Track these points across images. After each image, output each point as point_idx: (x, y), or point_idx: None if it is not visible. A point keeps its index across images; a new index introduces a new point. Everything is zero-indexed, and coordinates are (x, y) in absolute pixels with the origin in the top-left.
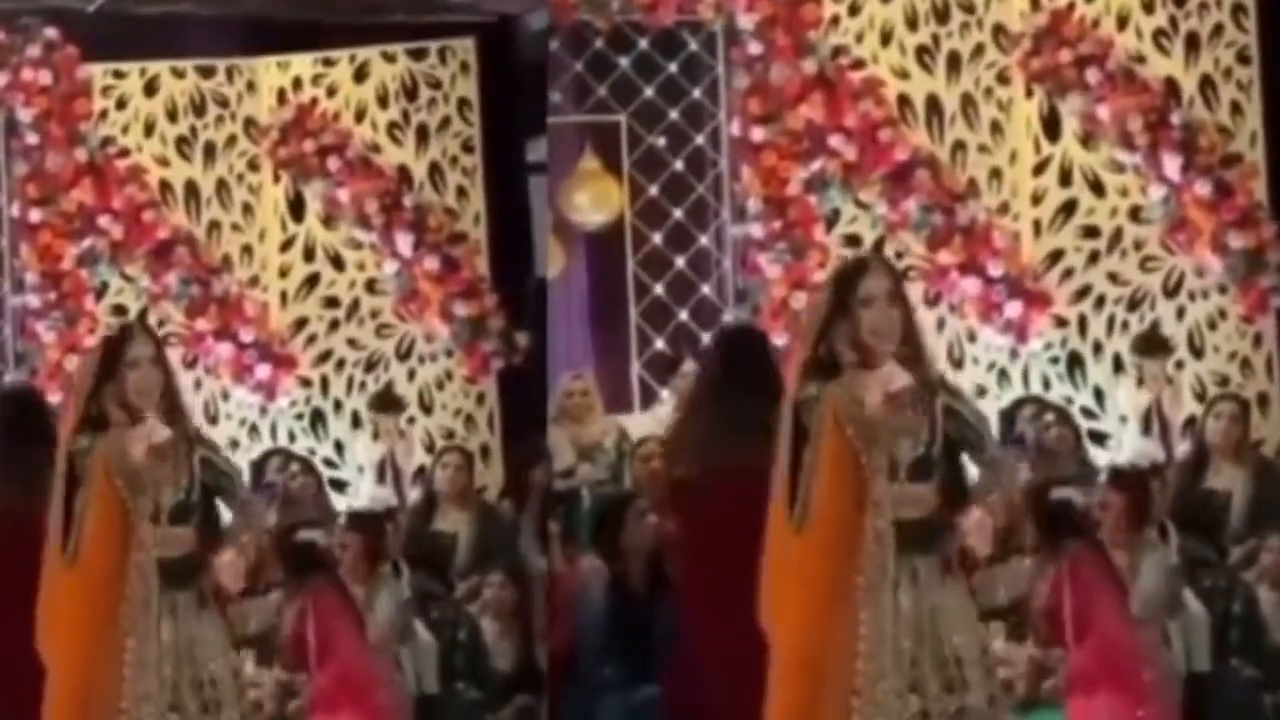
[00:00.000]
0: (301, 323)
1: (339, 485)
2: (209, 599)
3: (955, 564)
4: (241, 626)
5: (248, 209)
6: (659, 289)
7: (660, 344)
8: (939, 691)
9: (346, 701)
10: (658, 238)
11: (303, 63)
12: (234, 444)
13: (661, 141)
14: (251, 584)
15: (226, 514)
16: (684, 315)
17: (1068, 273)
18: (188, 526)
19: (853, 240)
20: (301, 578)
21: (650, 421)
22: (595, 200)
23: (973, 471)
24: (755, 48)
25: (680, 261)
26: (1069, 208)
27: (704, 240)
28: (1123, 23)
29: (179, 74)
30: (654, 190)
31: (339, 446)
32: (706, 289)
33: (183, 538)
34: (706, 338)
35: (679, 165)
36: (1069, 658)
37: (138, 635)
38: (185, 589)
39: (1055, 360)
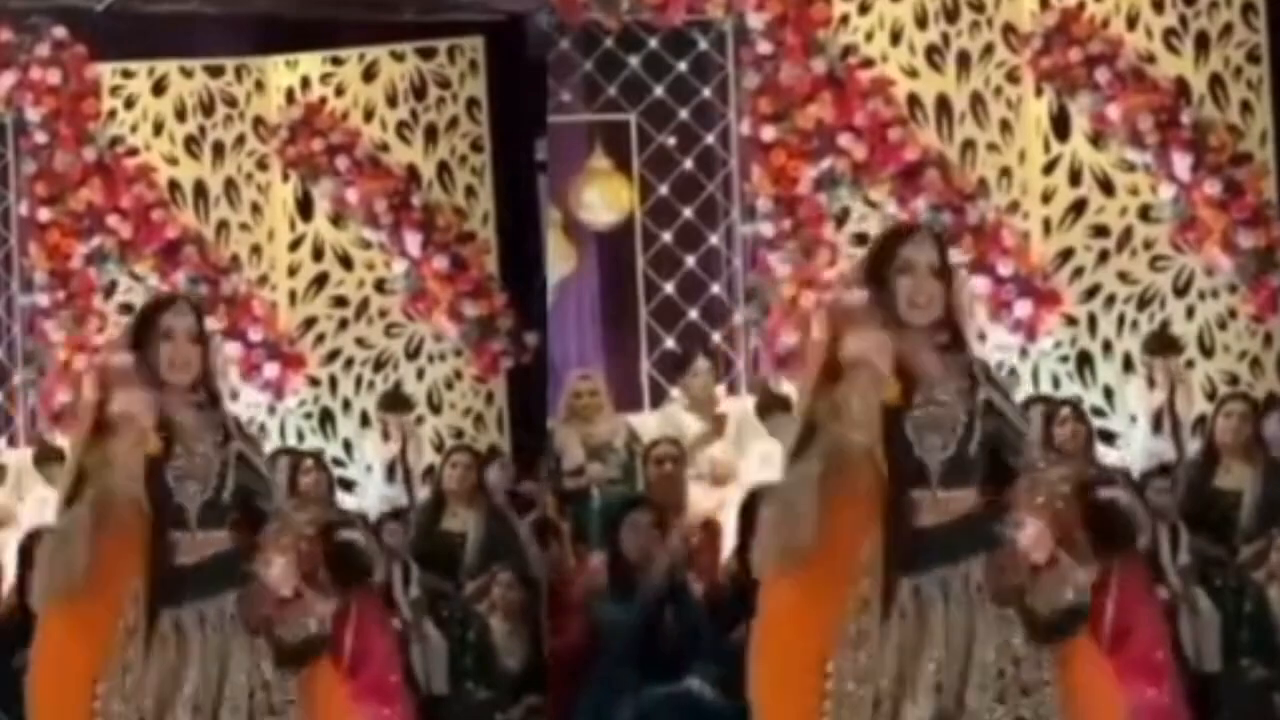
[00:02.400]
0: (310, 322)
1: (347, 484)
2: (253, 619)
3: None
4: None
5: (256, 208)
6: (669, 288)
7: (670, 343)
8: (990, 703)
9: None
10: (668, 237)
11: (311, 62)
12: None
13: (671, 141)
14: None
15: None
16: (694, 314)
17: (1077, 272)
18: (221, 530)
19: (862, 239)
20: (343, 580)
21: (661, 421)
22: (605, 199)
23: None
24: (765, 47)
25: (690, 260)
26: (1079, 207)
27: (714, 239)
28: (1132, 22)
29: (188, 73)
30: (664, 189)
31: (348, 446)
32: (716, 288)
33: (215, 541)
34: (716, 336)
35: (689, 164)
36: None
37: (117, 668)
38: (218, 596)
39: (1065, 359)
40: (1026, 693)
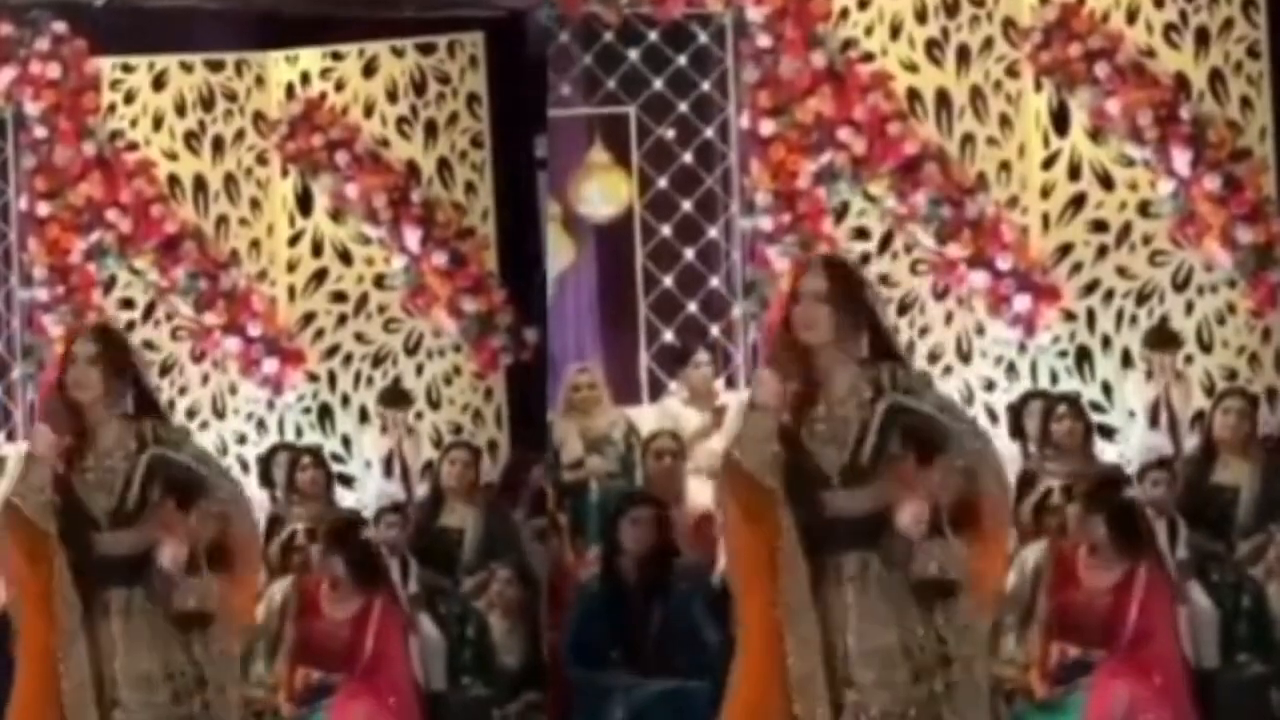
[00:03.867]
0: (309, 317)
1: (346, 480)
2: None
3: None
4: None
5: (256, 203)
6: (668, 281)
7: (669, 336)
8: (906, 678)
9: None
10: (667, 230)
11: (311, 57)
12: (241, 438)
13: (671, 134)
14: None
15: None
16: (693, 307)
17: (1076, 266)
18: (128, 530)
19: (861, 233)
20: (363, 579)
21: (659, 414)
22: (604, 192)
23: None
24: (765, 41)
25: (689, 254)
26: (1078, 201)
27: (713, 233)
28: (1132, 17)
29: (188, 68)
30: (663, 183)
31: (346, 441)
32: (715, 281)
33: (125, 540)
34: (715, 330)
35: (688, 158)
36: (1110, 657)
37: (69, 666)
38: (132, 586)
39: (1064, 354)
40: (946, 663)
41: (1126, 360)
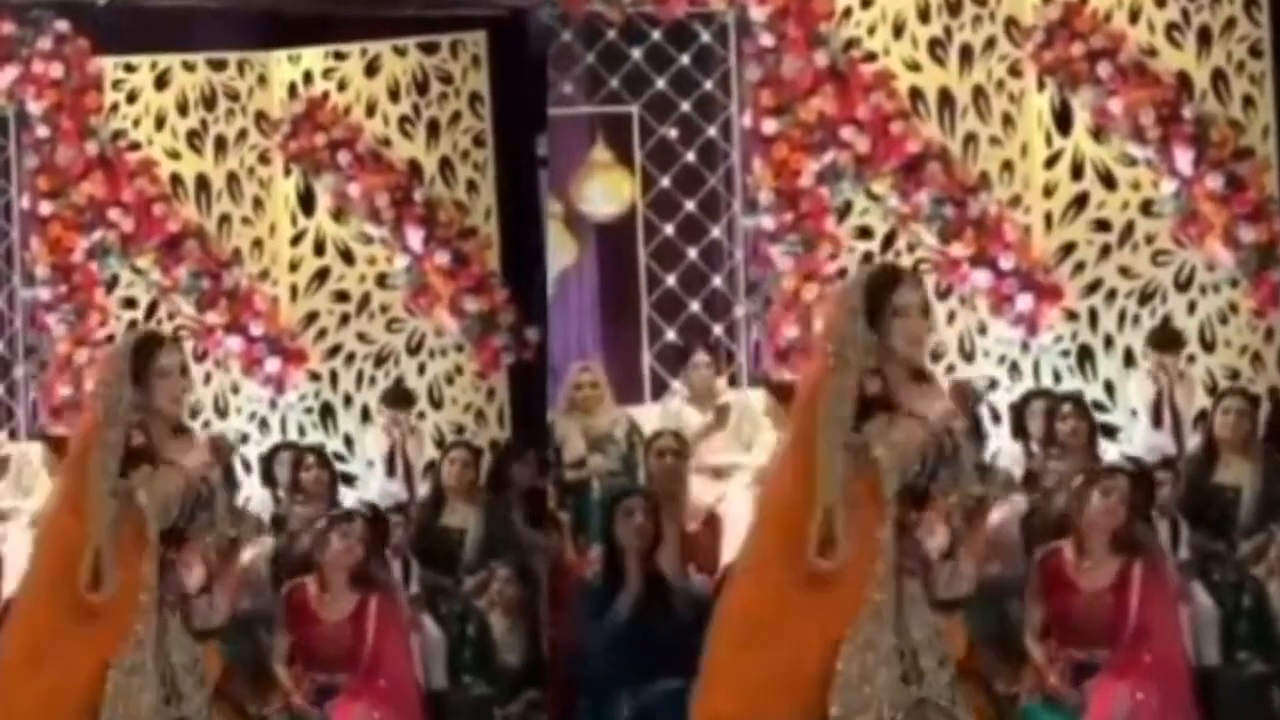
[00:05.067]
0: (312, 317)
1: (348, 479)
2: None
3: (914, 564)
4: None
5: (258, 203)
6: (670, 280)
7: (671, 335)
8: (897, 682)
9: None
10: (669, 229)
11: (314, 56)
12: (244, 437)
13: (673, 133)
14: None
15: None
16: (695, 306)
17: (1079, 266)
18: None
19: (864, 232)
20: (365, 578)
21: (661, 413)
22: (607, 191)
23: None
24: (767, 40)
25: (692, 253)
26: (1080, 201)
27: (715, 232)
28: (1135, 16)
29: (190, 67)
30: (665, 182)
31: (348, 441)
32: (718, 280)
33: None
34: (717, 329)
35: (691, 157)
36: (1113, 657)
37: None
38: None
39: (1066, 353)
40: (922, 675)
41: (1129, 360)
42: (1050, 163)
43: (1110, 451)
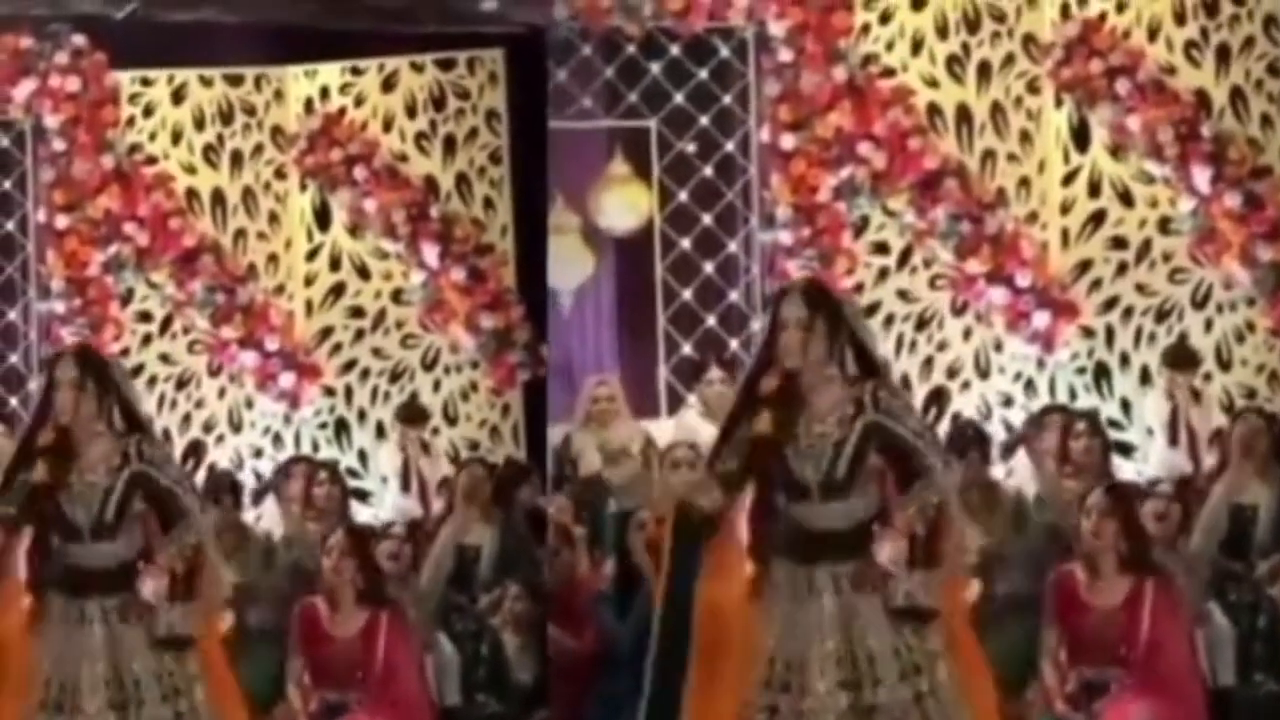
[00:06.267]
0: (327, 332)
1: (361, 495)
2: (130, 610)
3: (871, 576)
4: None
5: (274, 217)
6: (687, 294)
7: (688, 349)
8: (833, 688)
9: None
10: (686, 243)
11: (331, 72)
12: (257, 452)
13: (691, 147)
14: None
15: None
16: (711, 321)
17: (1096, 283)
18: (111, 542)
19: (881, 248)
20: (374, 594)
21: (677, 427)
22: (625, 205)
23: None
24: (786, 55)
25: (709, 267)
26: (1098, 218)
27: (732, 246)
28: (1154, 34)
29: (207, 82)
30: (683, 196)
31: (362, 456)
32: (734, 295)
33: (105, 552)
34: (734, 344)
35: (708, 171)
36: (1126, 677)
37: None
38: (112, 596)
39: (1082, 370)
40: (919, 670)
41: (1145, 378)
42: (1068, 180)
43: (1125, 470)
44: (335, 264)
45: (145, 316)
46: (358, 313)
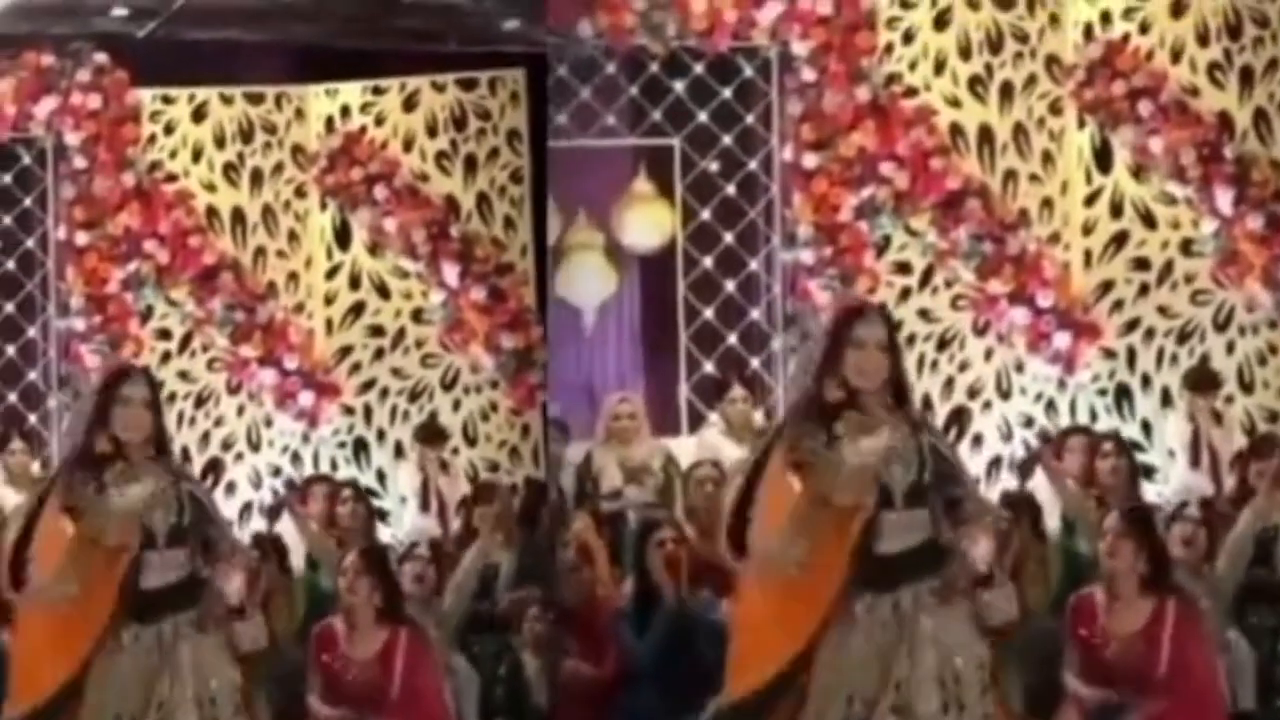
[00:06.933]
0: (346, 351)
1: (381, 515)
2: (208, 620)
3: (958, 586)
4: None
5: (294, 236)
6: (709, 313)
7: (709, 367)
8: (935, 711)
9: None
10: (708, 261)
11: (352, 91)
12: (276, 471)
13: (714, 166)
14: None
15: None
16: (733, 339)
17: (1117, 304)
18: (184, 548)
19: (903, 268)
20: (393, 614)
21: (698, 445)
22: (648, 223)
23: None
24: (809, 74)
25: (730, 286)
26: (1120, 239)
27: (754, 265)
28: (1177, 55)
29: (228, 100)
30: (706, 214)
31: (381, 476)
32: (756, 314)
33: (178, 559)
34: (755, 362)
35: (731, 190)
36: (1148, 701)
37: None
38: (185, 610)
39: (1103, 392)
40: (963, 706)
41: (1166, 399)
42: (1090, 201)
43: (1147, 492)
44: (355, 283)
45: (164, 334)
46: (377, 331)
